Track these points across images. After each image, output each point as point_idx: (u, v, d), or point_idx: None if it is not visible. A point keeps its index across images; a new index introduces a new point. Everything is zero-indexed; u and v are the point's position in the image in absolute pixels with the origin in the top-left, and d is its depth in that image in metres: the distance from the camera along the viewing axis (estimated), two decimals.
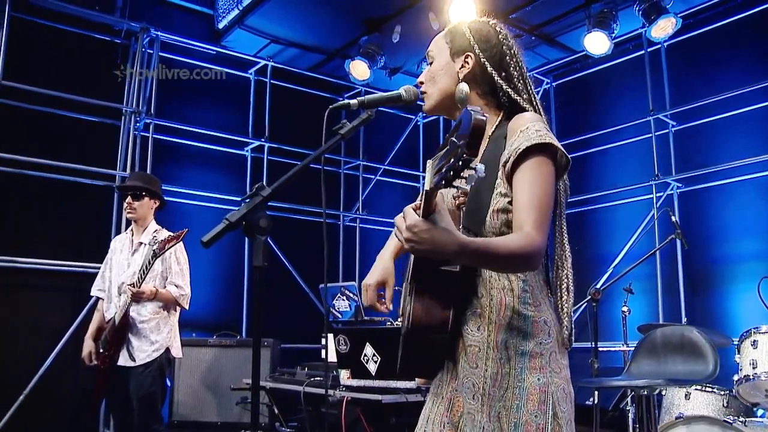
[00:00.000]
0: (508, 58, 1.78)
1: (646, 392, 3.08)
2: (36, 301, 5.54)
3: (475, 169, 1.30)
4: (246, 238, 1.60)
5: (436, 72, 1.81)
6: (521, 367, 1.62)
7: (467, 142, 1.27)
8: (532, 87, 1.82)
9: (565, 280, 1.74)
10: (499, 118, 1.79)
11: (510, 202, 1.66)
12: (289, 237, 6.65)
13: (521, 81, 1.78)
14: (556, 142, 1.65)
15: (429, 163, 1.45)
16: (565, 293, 1.73)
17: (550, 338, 1.66)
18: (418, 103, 1.88)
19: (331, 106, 1.75)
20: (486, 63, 1.77)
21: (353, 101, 1.79)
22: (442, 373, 1.78)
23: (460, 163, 1.29)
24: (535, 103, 1.77)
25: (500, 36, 1.81)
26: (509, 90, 1.76)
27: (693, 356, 3.23)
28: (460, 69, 1.79)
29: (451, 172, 1.31)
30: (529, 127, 1.66)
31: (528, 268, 1.62)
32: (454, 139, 1.32)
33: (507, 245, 1.55)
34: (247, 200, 1.59)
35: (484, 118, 1.29)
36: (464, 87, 1.67)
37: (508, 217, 1.66)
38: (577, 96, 6.94)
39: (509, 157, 1.65)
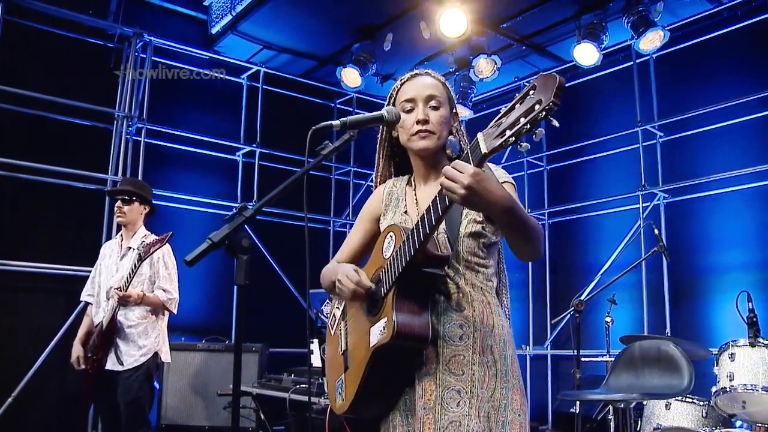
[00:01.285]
0: None
1: (623, 405, 3.13)
2: (26, 304, 5.55)
3: (552, 119, 1.36)
4: None
5: (446, 119, 1.92)
6: (506, 369, 1.76)
7: (555, 92, 1.32)
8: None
9: (507, 304, 1.94)
10: None
11: (484, 228, 1.82)
12: (280, 241, 6.69)
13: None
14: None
15: (479, 135, 1.49)
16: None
17: (515, 347, 1.84)
18: (414, 138, 1.93)
19: (314, 127, 1.81)
20: (460, 124, 2.01)
21: (336, 122, 1.85)
22: (410, 393, 1.81)
23: (543, 113, 1.33)
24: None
25: None
26: (462, 143, 1.97)
27: (669, 370, 3.28)
28: (454, 125, 1.97)
29: (528, 125, 1.36)
30: (497, 170, 1.86)
31: (540, 248, 1.69)
32: (532, 95, 1.37)
33: (532, 219, 1.69)
34: (230, 220, 1.64)
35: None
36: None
37: (480, 241, 1.82)
38: (566, 106, 6.92)
39: None
